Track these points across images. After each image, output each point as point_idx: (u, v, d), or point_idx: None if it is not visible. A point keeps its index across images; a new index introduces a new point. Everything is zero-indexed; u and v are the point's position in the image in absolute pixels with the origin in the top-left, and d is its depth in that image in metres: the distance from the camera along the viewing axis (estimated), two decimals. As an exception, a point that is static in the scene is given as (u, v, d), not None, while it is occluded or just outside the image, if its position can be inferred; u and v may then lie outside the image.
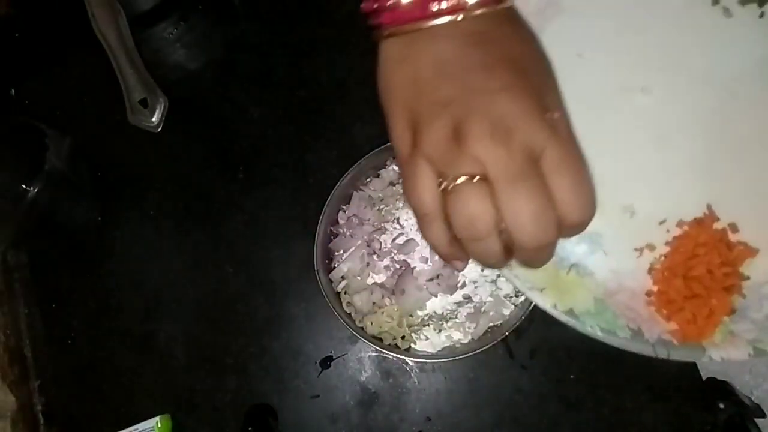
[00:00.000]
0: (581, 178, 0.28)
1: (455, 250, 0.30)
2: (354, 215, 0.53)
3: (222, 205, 0.59)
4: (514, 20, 0.29)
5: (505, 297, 0.51)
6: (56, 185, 0.55)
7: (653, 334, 0.33)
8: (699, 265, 0.34)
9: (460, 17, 0.27)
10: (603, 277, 0.35)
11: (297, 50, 0.62)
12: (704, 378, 0.51)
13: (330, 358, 0.55)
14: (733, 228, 0.35)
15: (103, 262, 0.60)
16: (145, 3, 0.62)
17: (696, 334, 0.33)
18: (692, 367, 0.51)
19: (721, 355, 0.32)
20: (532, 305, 0.49)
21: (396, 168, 0.55)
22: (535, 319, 0.53)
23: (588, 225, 0.29)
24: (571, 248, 0.36)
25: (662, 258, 0.36)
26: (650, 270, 0.36)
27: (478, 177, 0.26)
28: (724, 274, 0.34)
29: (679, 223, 0.36)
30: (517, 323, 0.49)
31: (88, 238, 0.61)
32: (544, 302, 0.33)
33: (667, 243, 0.36)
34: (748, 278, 0.34)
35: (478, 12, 0.27)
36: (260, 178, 0.60)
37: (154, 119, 0.60)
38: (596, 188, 0.36)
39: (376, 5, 0.28)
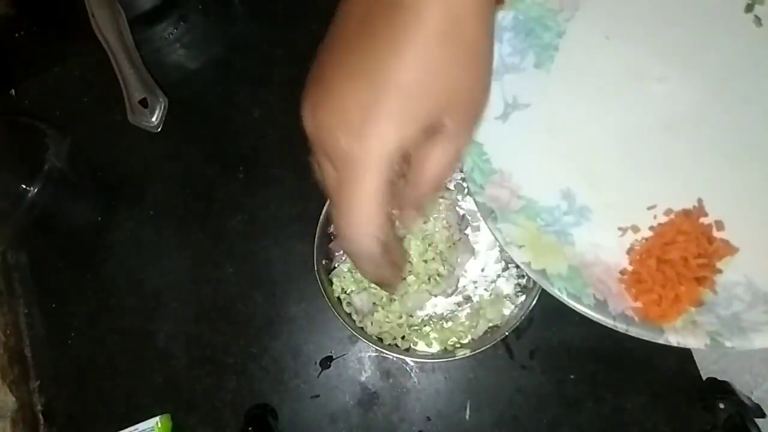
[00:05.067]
0: (345, 213, 0.26)
1: None
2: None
3: (222, 205, 0.59)
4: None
5: (505, 297, 0.51)
6: (56, 185, 0.55)
7: (617, 308, 0.34)
8: (676, 250, 0.35)
9: None
10: (582, 248, 0.36)
11: (297, 50, 0.62)
12: (704, 378, 0.51)
13: (330, 358, 0.55)
14: (719, 225, 0.36)
15: (103, 262, 0.60)
16: (145, 3, 0.62)
17: (658, 316, 0.33)
18: (692, 367, 0.51)
19: (678, 340, 0.32)
20: (532, 305, 0.49)
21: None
22: (535, 319, 0.53)
23: (351, 257, 0.28)
24: (558, 216, 0.37)
25: (643, 241, 0.36)
26: (629, 250, 0.37)
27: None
28: (699, 265, 0.34)
29: (667, 212, 0.36)
30: (517, 323, 0.49)
31: (88, 238, 0.61)
32: (519, 257, 0.34)
33: (651, 228, 0.37)
34: (720, 271, 0.35)
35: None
36: (260, 178, 0.60)
37: (154, 119, 0.60)
38: (594, 164, 0.37)
39: None
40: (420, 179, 0.28)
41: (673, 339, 0.33)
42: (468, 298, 0.52)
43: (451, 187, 0.54)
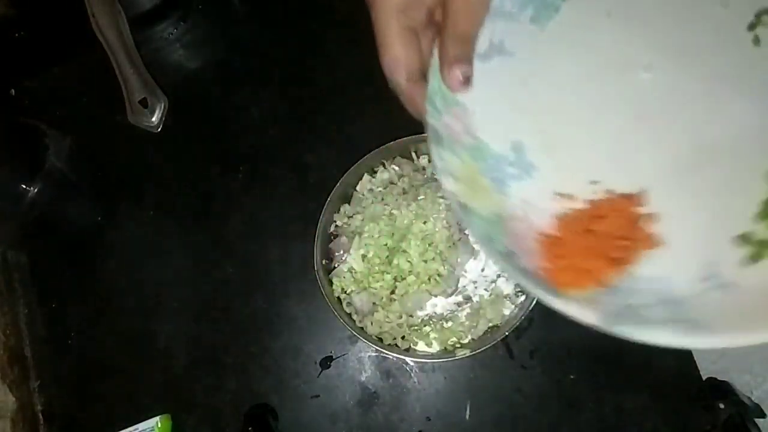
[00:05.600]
0: (378, 49, 0.33)
1: None
2: (354, 215, 0.53)
3: (222, 205, 0.60)
4: None
5: (505, 297, 0.51)
6: (56, 185, 0.55)
7: (523, 263, 0.33)
8: (604, 224, 0.35)
9: None
10: (514, 202, 0.36)
11: (297, 50, 0.62)
12: (704, 378, 0.51)
13: (330, 358, 0.55)
14: (655, 218, 0.35)
15: (103, 262, 0.60)
16: (145, 3, 0.62)
17: (561, 283, 0.32)
18: (692, 367, 0.51)
19: (571, 310, 0.31)
20: (532, 305, 0.49)
21: (395, 167, 0.55)
22: (535, 319, 0.53)
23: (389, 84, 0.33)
24: (503, 165, 0.37)
25: (575, 211, 0.36)
26: (559, 216, 0.36)
27: None
28: (621, 246, 0.34)
29: (608, 191, 0.36)
30: (517, 323, 0.49)
31: (88, 238, 0.61)
32: (449, 185, 0.34)
33: (586, 201, 0.36)
34: (639, 261, 0.34)
35: None
36: (260, 178, 0.60)
37: (154, 119, 0.60)
38: (556, 127, 0.38)
39: None
40: (445, 28, 0.32)
41: (565, 308, 0.31)
42: (468, 298, 0.52)
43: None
